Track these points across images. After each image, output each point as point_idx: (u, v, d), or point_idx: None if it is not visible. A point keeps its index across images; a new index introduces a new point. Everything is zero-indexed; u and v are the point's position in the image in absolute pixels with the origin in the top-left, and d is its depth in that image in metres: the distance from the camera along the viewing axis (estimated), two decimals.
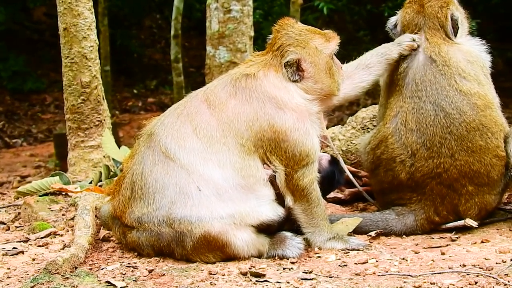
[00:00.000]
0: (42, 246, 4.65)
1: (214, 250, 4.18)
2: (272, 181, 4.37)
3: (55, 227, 5.02)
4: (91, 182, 6.09)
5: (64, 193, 5.92)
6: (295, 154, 4.33)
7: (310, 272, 4.01)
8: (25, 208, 5.43)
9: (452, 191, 4.74)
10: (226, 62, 8.62)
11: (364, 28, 18.90)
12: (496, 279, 3.79)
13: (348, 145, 5.83)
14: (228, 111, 4.30)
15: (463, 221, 4.76)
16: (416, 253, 4.40)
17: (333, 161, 4.93)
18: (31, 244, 4.69)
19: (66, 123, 6.69)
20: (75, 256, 4.17)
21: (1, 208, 5.84)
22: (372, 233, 4.77)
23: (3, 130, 16.04)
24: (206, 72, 8.89)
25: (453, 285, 3.76)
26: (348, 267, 4.14)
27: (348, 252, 4.42)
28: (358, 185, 5.45)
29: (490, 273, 3.89)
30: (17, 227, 5.23)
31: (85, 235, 4.54)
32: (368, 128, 5.75)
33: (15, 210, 5.71)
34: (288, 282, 3.85)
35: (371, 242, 4.65)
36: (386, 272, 4.01)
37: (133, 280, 3.90)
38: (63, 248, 4.59)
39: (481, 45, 5.04)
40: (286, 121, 4.31)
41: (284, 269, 4.10)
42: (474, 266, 4.06)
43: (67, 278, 3.86)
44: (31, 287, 3.75)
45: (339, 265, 4.17)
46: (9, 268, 4.20)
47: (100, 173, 6.11)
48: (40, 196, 5.79)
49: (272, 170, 4.35)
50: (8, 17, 17.70)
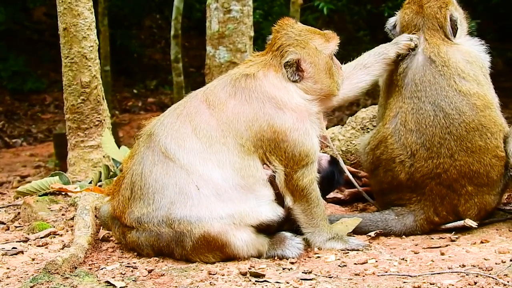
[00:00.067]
0: (42, 246, 4.65)
1: (214, 250, 4.17)
2: (272, 181, 4.36)
3: (55, 227, 5.02)
4: (91, 182, 6.08)
5: (64, 193, 5.92)
6: (295, 154, 4.32)
7: (310, 272, 4.01)
8: (25, 208, 5.43)
9: (452, 192, 4.74)
10: (226, 62, 8.62)
11: (364, 28, 18.90)
12: (496, 280, 3.79)
13: (348, 146, 5.83)
14: (228, 111, 4.30)
15: (463, 222, 4.76)
16: (416, 253, 4.40)
17: (333, 162, 4.93)
18: (31, 244, 4.69)
19: (66, 123, 6.69)
20: (75, 256, 4.17)
21: (1, 208, 5.84)
22: (372, 233, 4.77)
23: (3, 130, 16.04)
24: (206, 72, 8.89)
25: (453, 286, 3.76)
26: (348, 267, 4.14)
27: (348, 252, 4.41)
28: (358, 186, 5.44)
29: (490, 274, 3.89)
30: (17, 227, 5.23)
31: (85, 235, 4.54)
32: (368, 129, 5.75)
33: (15, 210, 5.71)
34: (288, 282, 3.85)
35: (371, 243, 4.64)
36: (386, 272, 4.00)
37: (133, 280, 3.90)
38: (63, 248, 4.59)
39: (480, 45, 5.03)
40: (286, 121, 4.31)
41: (284, 269, 4.10)
42: (474, 267, 4.06)
43: (67, 278, 3.86)
44: (31, 287, 3.75)
45: (339, 265, 4.17)
46: (9, 268, 4.20)
47: (100, 173, 6.11)
48: (40, 196, 5.79)
49: (272, 170, 4.35)
50: (8, 17, 17.70)
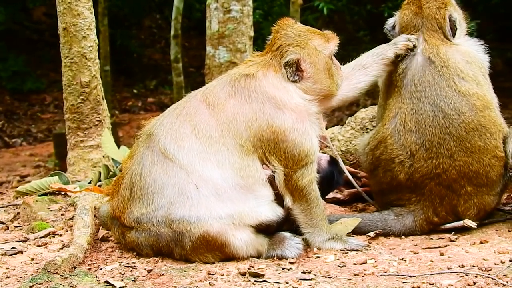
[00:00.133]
0: (41, 246, 4.65)
1: (213, 250, 4.17)
2: (271, 181, 4.36)
3: (54, 227, 5.02)
4: (90, 182, 6.08)
5: (63, 193, 5.92)
6: (294, 155, 4.32)
7: (309, 273, 4.01)
8: (24, 208, 5.44)
9: (451, 192, 4.74)
10: (226, 62, 8.62)
11: (364, 28, 18.90)
12: (495, 280, 3.79)
13: (347, 146, 5.83)
14: (227, 111, 4.29)
15: (462, 222, 4.76)
16: (415, 254, 4.40)
17: (332, 162, 4.93)
18: (30, 244, 4.69)
19: (66, 123, 6.69)
20: (74, 256, 4.17)
21: (0, 208, 5.84)
22: (371, 234, 4.77)
23: (3, 130, 16.04)
24: (206, 72, 8.89)
25: (452, 286, 3.76)
26: (347, 268, 4.14)
27: (347, 253, 4.41)
28: (357, 186, 5.44)
29: (489, 274, 3.89)
30: (16, 227, 5.23)
31: (84, 235, 4.54)
32: (368, 129, 5.75)
33: (14, 210, 5.71)
34: (287, 283, 3.84)
35: (370, 243, 4.64)
36: (385, 273, 4.00)
37: (132, 280, 3.90)
38: (62, 248, 4.59)
39: (480, 46, 5.03)
40: (285, 121, 4.31)
41: (283, 269, 4.10)
42: (473, 267, 4.06)
43: (66, 278, 3.86)
44: (30, 287, 3.75)
45: (338, 266, 4.17)
46: (8, 268, 4.20)
47: (100, 173, 6.11)
48: (39, 196, 5.79)
49: (271, 170, 4.35)
50: (8, 17, 17.70)
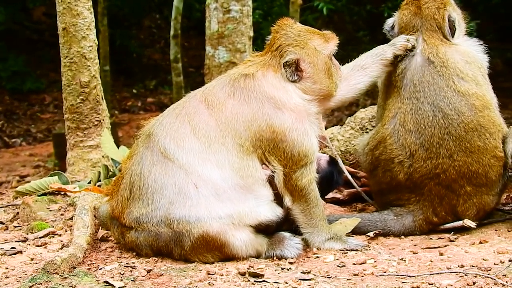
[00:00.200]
0: (41, 246, 4.65)
1: (213, 250, 4.17)
2: (271, 181, 4.36)
3: (54, 227, 5.02)
4: (90, 182, 6.08)
5: (63, 193, 5.92)
6: (294, 155, 4.32)
7: (309, 273, 4.01)
8: (24, 208, 5.44)
9: (451, 192, 4.74)
10: (226, 62, 8.61)
11: (364, 29, 18.91)
12: (494, 280, 3.79)
13: (347, 146, 5.83)
14: (227, 111, 4.29)
15: (462, 222, 4.76)
16: (415, 254, 4.40)
17: (332, 162, 4.93)
18: (30, 244, 4.69)
19: (65, 123, 6.69)
20: (74, 256, 4.17)
21: (0, 208, 5.84)
22: (371, 234, 4.77)
23: (3, 130, 16.04)
24: (206, 72, 8.88)
25: (451, 286, 3.77)
26: (347, 268, 4.14)
27: (347, 253, 4.41)
28: (357, 186, 5.44)
29: (488, 274, 3.89)
30: (16, 227, 5.23)
31: (84, 235, 4.54)
32: (367, 129, 5.75)
33: (14, 210, 5.71)
34: (287, 283, 3.84)
35: (370, 243, 4.64)
36: (385, 273, 4.00)
37: (132, 280, 3.90)
38: (62, 248, 4.59)
39: (479, 46, 5.03)
40: (285, 121, 4.31)
41: (283, 269, 4.10)
42: (472, 267, 4.06)
43: (66, 278, 3.86)
44: (30, 287, 3.75)
45: (338, 266, 4.17)
46: (8, 268, 4.20)
47: (99, 173, 6.11)
48: (39, 196, 5.79)
49: (271, 170, 4.35)
50: (8, 17, 17.71)
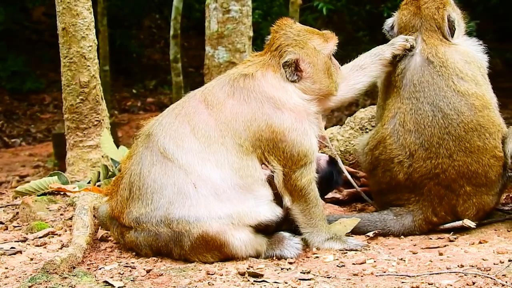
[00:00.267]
0: (40, 246, 4.65)
1: (212, 250, 4.17)
2: (270, 181, 4.36)
3: (53, 227, 5.02)
4: (90, 182, 6.08)
5: (63, 193, 5.92)
6: (293, 154, 4.32)
7: (308, 272, 4.01)
8: (24, 208, 5.44)
9: (450, 192, 4.74)
10: (225, 62, 8.61)
11: (363, 29, 18.91)
12: (494, 280, 3.79)
13: (347, 146, 5.83)
14: (226, 111, 4.29)
15: (461, 222, 4.76)
16: (414, 254, 4.40)
17: (332, 162, 4.93)
18: (29, 244, 4.69)
19: (65, 123, 6.69)
20: (73, 256, 4.17)
21: (0, 208, 5.84)
22: (370, 234, 4.77)
23: (2, 130, 16.04)
24: (205, 72, 8.88)
25: (451, 286, 3.77)
26: (346, 268, 4.14)
27: (346, 253, 4.41)
28: (356, 186, 5.44)
29: (488, 274, 3.89)
30: (15, 227, 5.23)
31: (83, 235, 4.54)
32: (367, 129, 5.75)
33: (14, 210, 5.71)
34: (286, 282, 3.84)
35: (369, 243, 4.64)
36: (384, 273, 4.00)
37: (131, 280, 3.90)
38: (61, 248, 4.59)
39: (478, 46, 5.03)
40: (284, 121, 4.31)
41: (282, 269, 4.10)
42: (472, 267, 4.06)
43: (65, 278, 3.86)
44: (29, 287, 3.75)
45: (337, 266, 4.17)
46: (7, 268, 4.20)
47: (99, 173, 6.10)
48: (39, 196, 5.79)
49: (270, 170, 4.34)
50: (8, 17, 17.70)
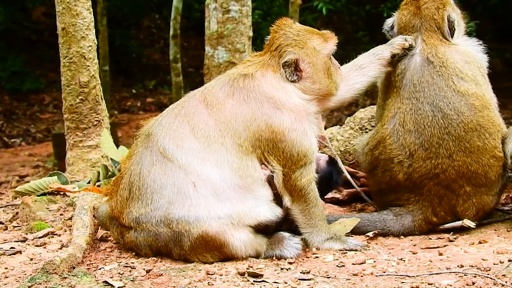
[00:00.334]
0: (40, 246, 4.65)
1: (212, 250, 4.17)
2: (270, 181, 4.36)
3: (53, 227, 5.02)
4: (89, 182, 6.08)
5: (62, 193, 5.91)
6: (293, 155, 4.32)
7: (308, 273, 4.01)
8: (23, 208, 5.43)
9: (450, 192, 4.74)
10: (225, 62, 8.61)
11: (363, 29, 18.92)
12: (494, 280, 3.79)
13: (346, 146, 5.83)
14: (226, 111, 4.29)
15: (461, 222, 4.76)
16: (414, 254, 4.40)
17: (331, 162, 4.92)
18: (29, 244, 4.69)
19: (65, 123, 6.69)
20: (73, 256, 4.17)
21: (0, 208, 5.85)
22: (370, 234, 4.77)
23: (2, 130, 16.04)
24: (205, 72, 8.88)
25: (451, 286, 3.77)
26: (346, 268, 4.13)
27: (346, 253, 4.41)
28: (356, 186, 5.44)
29: (488, 274, 3.89)
30: (15, 227, 5.23)
31: (83, 235, 4.53)
32: (366, 129, 5.75)
33: (13, 210, 5.71)
34: (286, 283, 3.84)
35: (369, 243, 4.64)
36: (384, 273, 4.00)
37: (131, 280, 3.90)
38: (61, 248, 4.59)
39: (478, 46, 5.03)
40: (284, 121, 4.31)
41: (282, 269, 4.10)
42: (472, 267, 4.06)
43: (65, 278, 3.86)
44: (29, 287, 3.75)
45: (337, 266, 4.17)
46: (7, 268, 4.20)
47: (98, 173, 6.10)
48: (38, 196, 5.79)
49: (270, 170, 4.34)
50: (7, 17, 17.70)
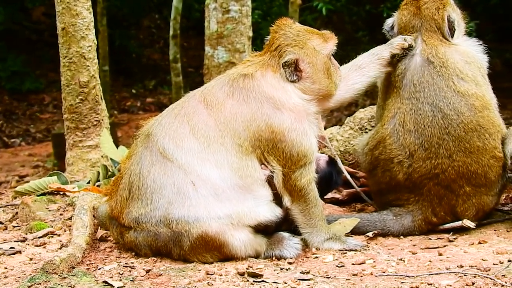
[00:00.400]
0: (40, 246, 4.65)
1: (212, 250, 4.17)
2: (270, 182, 4.36)
3: (53, 227, 5.02)
4: (89, 182, 6.08)
5: (62, 193, 5.91)
6: (293, 155, 4.32)
7: (308, 273, 4.01)
8: (23, 208, 5.43)
9: (450, 192, 4.74)
10: (225, 62, 8.62)
11: (363, 29, 18.91)
12: (493, 280, 3.79)
13: (346, 146, 5.83)
14: (226, 111, 4.29)
15: (461, 222, 4.76)
16: (414, 254, 4.40)
17: (331, 162, 4.93)
18: (29, 244, 4.69)
19: (64, 123, 6.69)
20: (73, 256, 4.17)
21: None
22: (370, 234, 4.77)
23: (2, 130, 16.04)
24: (205, 72, 8.88)
25: (450, 286, 3.77)
26: (346, 268, 4.13)
27: (346, 253, 4.41)
28: (356, 186, 5.44)
29: (487, 274, 3.89)
30: (15, 227, 5.23)
31: (83, 235, 4.53)
32: (366, 129, 5.75)
33: (13, 210, 5.71)
34: (286, 283, 3.84)
35: (369, 243, 4.64)
36: (384, 273, 4.00)
37: (131, 280, 3.90)
38: (61, 248, 4.59)
39: (478, 46, 5.03)
40: (284, 122, 4.31)
41: (282, 270, 4.10)
42: (472, 267, 4.06)
43: (65, 278, 3.86)
44: (28, 287, 3.75)
45: (337, 266, 4.17)
46: (7, 268, 4.20)
47: (98, 173, 6.10)
48: (38, 196, 5.78)
49: (270, 171, 4.34)
50: (7, 17, 17.70)
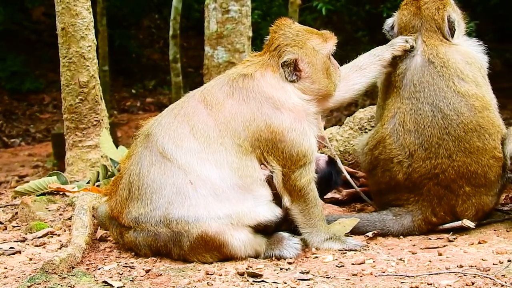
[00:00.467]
0: (39, 246, 4.65)
1: (211, 250, 4.17)
2: (270, 181, 4.36)
3: (52, 227, 5.02)
4: (89, 182, 6.07)
5: (62, 193, 5.91)
6: (292, 155, 4.32)
7: (307, 273, 4.01)
8: (23, 208, 5.43)
9: (450, 192, 4.74)
10: (224, 62, 8.61)
11: (363, 29, 18.90)
12: (493, 280, 3.79)
13: (346, 146, 5.83)
14: (225, 111, 4.29)
15: (460, 222, 4.76)
16: (413, 254, 4.40)
17: (331, 162, 4.93)
18: (28, 244, 4.69)
19: (64, 123, 6.69)
20: (72, 256, 4.17)
21: None
22: (370, 234, 4.77)
23: (2, 130, 16.04)
24: (205, 72, 8.88)
25: (450, 286, 3.77)
26: (345, 268, 4.13)
27: (345, 253, 4.41)
28: (356, 186, 5.44)
29: (487, 274, 3.90)
30: (15, 227, 5.23)
31: (82, 235, 4.53)
32: (366, 129, 5.75)
33: (13, 210, 5.71)
34: (285, 283, 3.84)
35: (369, 243, 4.64)
36: (383, 273, 4.00)
37: (130, 280, 3.90)
38: (60, 248, 4.59)
39: (479, 46, 5.03)
40: (283, 122, 4.31)
41: (281, 270, 4.10)
42: (471, 267, 4.06)
43: (64, 278, 3.86)
44: (28, 287, 3.75)
45: (336, 266, 4.17)
46: (6, 268, 4.20)
47: (98, 173, 6.10)
48: (38, 196, 5.78)
49: (270, 171, 4.34)
50: (7, 17, 17.70)
